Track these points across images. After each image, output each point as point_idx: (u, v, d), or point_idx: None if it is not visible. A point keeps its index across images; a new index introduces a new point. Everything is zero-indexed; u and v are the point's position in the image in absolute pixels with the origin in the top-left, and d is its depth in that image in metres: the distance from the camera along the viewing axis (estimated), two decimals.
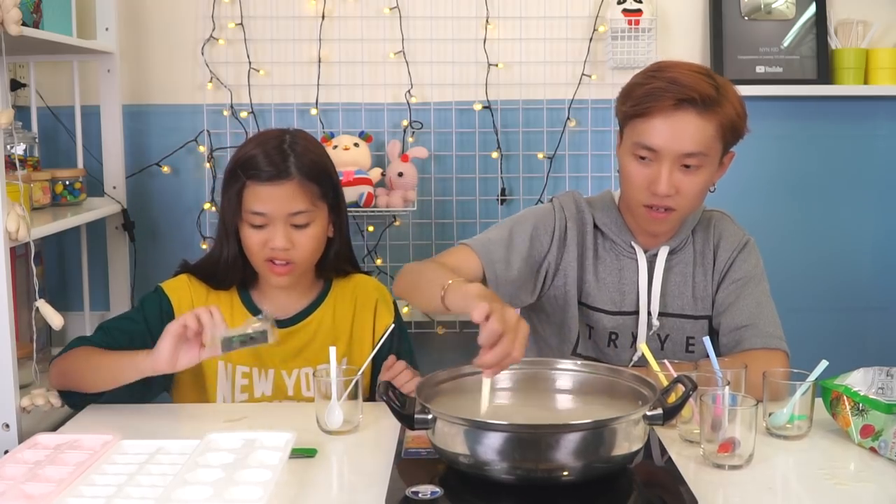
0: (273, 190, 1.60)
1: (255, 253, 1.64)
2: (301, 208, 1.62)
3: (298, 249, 1.63)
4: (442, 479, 1.24)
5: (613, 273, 1.73)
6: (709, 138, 1.58)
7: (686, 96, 1.55)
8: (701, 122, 1.57)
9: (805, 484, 1.29)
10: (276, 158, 1.61)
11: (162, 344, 1.43)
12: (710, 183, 1.64)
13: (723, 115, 1.58)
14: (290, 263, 1.64)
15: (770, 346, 1.64)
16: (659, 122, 1.57)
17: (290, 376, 1.70)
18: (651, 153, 1.59)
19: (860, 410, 1.39)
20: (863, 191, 2.67)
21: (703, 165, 1.59)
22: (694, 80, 1.57)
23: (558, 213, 1.74)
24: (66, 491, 1.16)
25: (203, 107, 2.56)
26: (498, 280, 1.67)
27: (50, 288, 2.46)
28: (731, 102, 1.60)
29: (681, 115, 1.56)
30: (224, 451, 1.27)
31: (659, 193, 1.59)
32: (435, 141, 2.60)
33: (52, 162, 2.49)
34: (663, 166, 1.58)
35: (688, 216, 1.70)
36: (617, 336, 1.73)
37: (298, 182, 1.61)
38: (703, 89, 1.56)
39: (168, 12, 2.56)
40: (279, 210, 1.60)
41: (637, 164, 1.61)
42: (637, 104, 1.59)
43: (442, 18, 2.56)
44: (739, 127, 1.63)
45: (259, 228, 1.63)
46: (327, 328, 1.73)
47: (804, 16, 2.57)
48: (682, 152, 1.57)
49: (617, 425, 1.18)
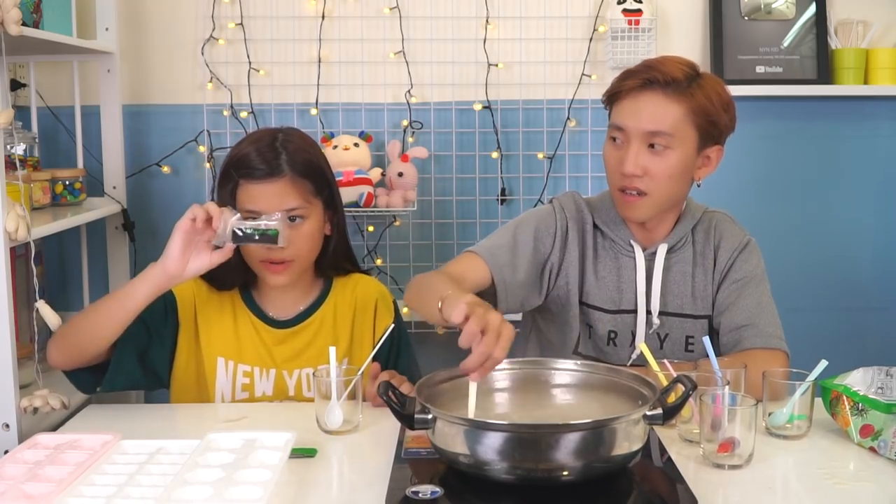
0: (265, 187, 1.61)
1: (251, 253, 1.64)
2: (294, 205, 1.62)
3: (294, 247, 1.62)
4: (442, 478, 1.24)
5: (612, 272, 1.74)
6: (675, 120, 1.60)
7: (652, 77, 1.60)
8: (667, 101, 1.60)
9: (805, 483, 1.29)
10: (268, 156, 1.61)
11: (171, 243, 1.43)
12: (683, 170, 1.64)
13: (692, 100, 1.60)
14: (286, 262, 1.64)
15: (770, 346, 1.64)
16: (627, 102, 1.63)
17: (290, 376, 1.70)
18: (621, 133, 1.64)
19: (860, 410, 1.39)
20: (863, 191, 2.67)
21: (670, 147, 1.61)
22: (668, 65, 1.62)
23: (559, 214, 1.75)
24: (67, 491, 1.16)
25: (203, 107, 2.56)
26: (507, 284, 1.67)
27: (50, 288, 2.46)
28: (707, 92, 1.62)
29: (647, 94, 1.61)
30: (224, 451, 1.28)
31: (626, 173, 1.62)
32: (435, 141, 2.60)
33: (52, 162, 2.49)
34: (631, 146, 1.62)
35: (663, 204, 1.68)
36: (616, 335, 1.73)
37: (290, 179, 1.61)
38: (672, 72, 1.61)
39: (168, 12, 2.56)
40: (272, 207, 1.60)
41: (610, 147, 1.67)
42: (613, 87, 1.67)
43: (442, 18, 2.56)
44: (716, 117, 1.63)
45: None
46: (328, 328, 1.73)
47: (804, 16, 2.57)
48: (645, 130, 1.61)
49: (617, 425, 1.18)
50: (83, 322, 1.56)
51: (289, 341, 1.71)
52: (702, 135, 1.63)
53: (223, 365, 1.68)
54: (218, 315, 1.70)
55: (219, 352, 1.69)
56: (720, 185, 2.61)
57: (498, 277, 1.66)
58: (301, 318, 1.72)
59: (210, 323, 1.70)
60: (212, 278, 1.70)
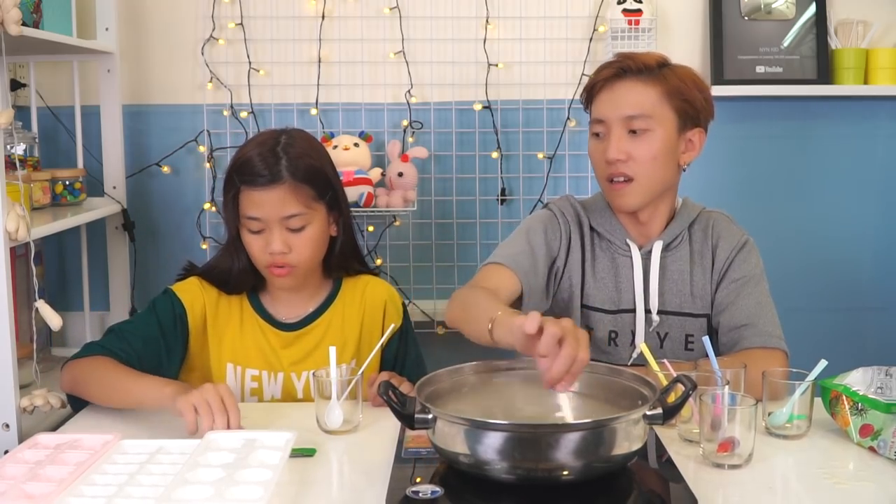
0: (265, 194, 1.60)
1: (257, 258, 1.65)
2: (294, 211, 1.61)
3: (296, 253, 1.63)
4: (442, 478, 1.24)
5: (610, 272, 1.74)
6: (651, 102, 1.65)
7: (626, 66, 1.66)
8: (641, 86, 1.65)
9: (804, 483, 1.29)
10: (269, 161, 1.60)
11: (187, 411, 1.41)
12: (667, 152, 1.66)
13: (665, 82, 1.66)
14: (289, 266, 1.64)
15: (769, 346, 1.64)
16: (604, 94, 1.69)
17: (299, 379, 1.70)
18: (601, 125, 1.68)
19: (859, 410, 1.39)
20: (863, 191, 2.67)
21: (650, 129, 1.65)
22: (640, 56, 1.68)
23: (561, 218, 1.76)
24: (67, 491, 1.16)
25: (203, 107, 2.56)
26: (532, 290, 1.69)
27: (50, 288, 2.46)
28: (679, 74, 1.68)
29: (621, 82, 1.67)
30: (224, 451, 1.28)
31: (610, 160, 1.65)
32: (435, 141, 2.60)
33: (52, 162, 2.49)
34: (612, 134, 1.66)
35: (652, 188, 1.68)
36: (617, 335, 1.73)
37: (290, 185, 1.60)
38: (645, 60, 1.67)
39: (168, 12, 2.56)
40: (272, 214, 1.60)
41: (594, 142, 1.71)
42: (588, 85, 1.73)
43: (442, 18, 2.56)
44: (690, 96, 1.67)
45: (257, 234, 1.63)
46: (336, 330, 1.73)
47: (804, 16, 2.57)
48: (624, 115, 1.65)
49: (617, 425, 1.18)
50: (94, 385, 1.55)
51: (297, 344, 1.71)
52: (680, 115, 1.67)
53: (231, 370, 1.68)
54: (226, 320, 1.71)
55: (227, 357, 1.69)
56: (720, 185, 2.62)
57: (526, 285, 1.67)
58: (309, 320, 1.72)
59: (219, 329, 1.70)
60: (224, 284, 1.70)
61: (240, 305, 1.72)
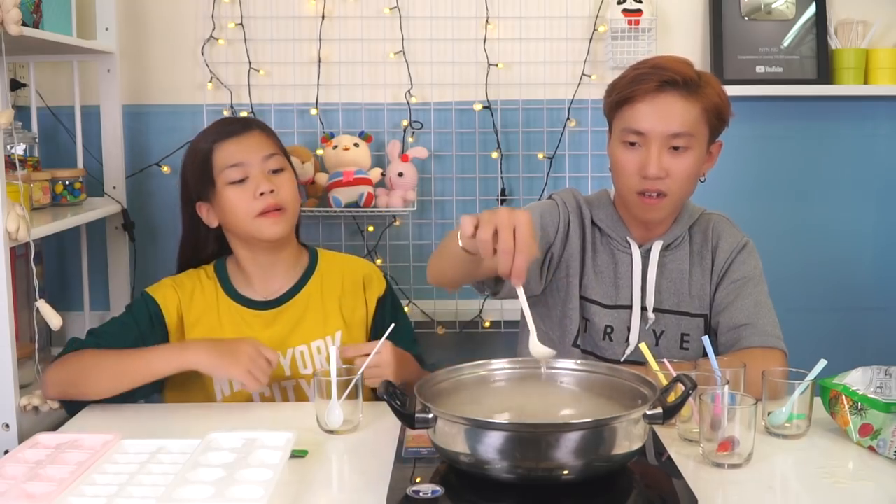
0: (241, 140, 1.70)
1: (246, 209, 1.67)
2: (272, 150, 1.71)
3: (282, 192, 1.69)
4: (442, 478, 1.24)
5: (609, 267, 1.75)
6: (694, 119, 1.62)
7: (669, 78, 1.60)
8: (685, 103, 1.61)
9: (804, 483, 1.29)
10: (234, 120, 1.77)
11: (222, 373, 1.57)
12: (699, 168, 1.66)
13: (706, 98, 1.62)
14: (280, 209, 1.67)
15: (768, 345, 1.65)
16: (645, 106, 1.61)
17: (284, 356, 1.70)
18: (639, 137, 1.62)
19: (859, 409, 1.39)
20: (863, 191, 2.67)
21: (690, 147, 1.62)
22: (676, 64, 1.63)
23: (561, 208, 1.76)
24: (68, 490, 1.16)
25: (203, 107, 2.56)
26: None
27: (50, 288, 2.46)
28: (713, 87, 1.65)
29: (665, 96, 1.61)
30: (225, 451, 1.28)
31: (650, 176, 1.62)
32: (435, 141, 2.60)
33: (52, 162, 2.48)
34: (652, 148, 1.61)
35: (680, 203, 1.71)
36: (612, 330, 1.73)
37: (261, 131, 1.73)
38: (685, 72, 1.62)
39: (168, 12, 2.56)
40: (253, 156, 1.68)
41: (626, 151, 1.65)
42: (623, 90, 1.64)
43: (442, 18, 2.56)
44: (724, 112, 1.66)
45: (241, 184, 1.67)
46: (316, 303, 1.74)
47: (804, 16, 2.57)
48: (668, 133, 1.61)
49: (617, 424, 1.18)
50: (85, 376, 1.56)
51: (278, 321, 1.72)
52: (712, 131, 1.66)
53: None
54: (203, 312, 1.71)
55: None
56: (720, 185, 2.62)
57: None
58: (288, 297, 1.74)
59: (196, 323, 1.71)
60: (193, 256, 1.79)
61: (215, 295, 1.73)
